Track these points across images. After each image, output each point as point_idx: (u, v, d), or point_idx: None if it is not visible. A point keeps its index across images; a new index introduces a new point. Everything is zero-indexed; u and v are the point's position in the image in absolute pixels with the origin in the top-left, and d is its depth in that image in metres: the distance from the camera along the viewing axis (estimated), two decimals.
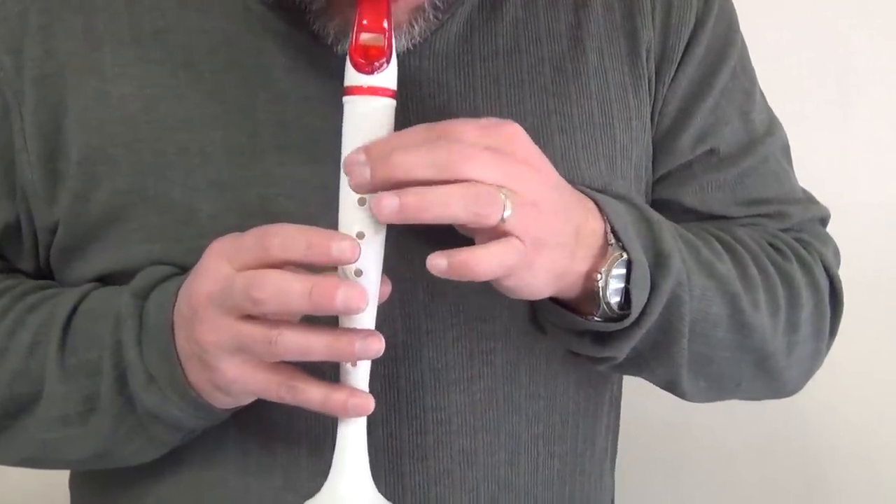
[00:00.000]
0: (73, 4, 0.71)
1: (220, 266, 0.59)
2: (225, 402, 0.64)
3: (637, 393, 0.86)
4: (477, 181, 0.56)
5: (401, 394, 0.70)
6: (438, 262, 0.56)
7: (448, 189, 0.56)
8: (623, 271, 0.65)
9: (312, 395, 0.60)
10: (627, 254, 0.65)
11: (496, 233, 0.58)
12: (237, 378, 0.60)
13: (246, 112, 0.69)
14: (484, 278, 0.57)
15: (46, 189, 0.70)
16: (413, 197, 0.55)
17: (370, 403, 0.60)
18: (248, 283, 0.57)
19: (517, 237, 0.58)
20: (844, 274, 0.82)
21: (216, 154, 0.68)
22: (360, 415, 0.60)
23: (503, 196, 0.56)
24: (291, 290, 0.56)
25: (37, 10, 0.70)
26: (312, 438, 0.69)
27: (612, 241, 0.65)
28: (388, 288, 0.62)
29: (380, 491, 0.62)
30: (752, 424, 1.31)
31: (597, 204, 0.66)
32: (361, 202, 0.58)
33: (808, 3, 1.25)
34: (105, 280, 0.71)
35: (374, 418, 0.68)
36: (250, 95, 0.69)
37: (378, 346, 0.58)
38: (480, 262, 0.56)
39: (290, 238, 0.57)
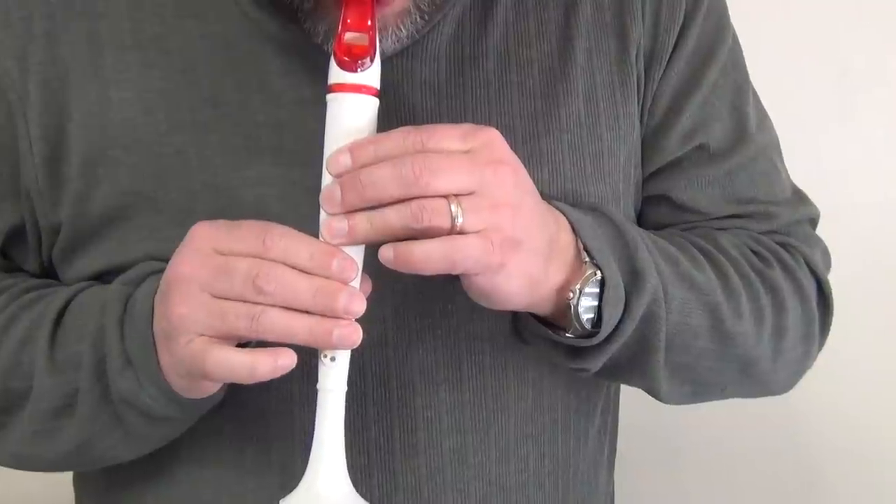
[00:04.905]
0: (77, 10, 0.72)
1: (205, 248, 0.60)
2: (188, 390, 0.64)
3: (636, 392, 0.87)
4: (444, 192, 0.58)
5: (392, 393, 0.70)
6: (387, 254, 0.58)
7: (393, 210, 0.58)
8: (596, 289, 0.66)
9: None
10: (601, 272, 0.66)
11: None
12: (186, 354, 0.60)
13: (242, 115, 0.70)
14: (429, 271, 0.58)
15: (51, 191, 0.71)
16: (355, 221, 0.58)
17: (290, 359, 0.59)
18: (255, 272, 0.57)
19: (481, 237, 0.58)
20: (845, 274, 0.82)
21: (213, 156, 0.69)
22: (277, 371, 0.59)
23: (454, 206, 0.57)
24: (299, 288, 0.57)
25: (41, 16, 0.71)
26: (308, 436, 0.68)
27: (587, 258, 0.65)
28: (369, 287, 0.62)
29: (372, 488, 0.63)
30: (753, 424, 1.31)
31: (568, 218, 0.66)
32: None
33: (807, 4, 1.25)
34: (103, 277, 0.72)
35: (366, 416, 0.70)
36: (246, 99, 0.70)
37: (356, 336, 0.58)
38: (423, 253, 0.58)
39: (294, 246, 0.58)
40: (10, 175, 0.72)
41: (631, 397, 0.86)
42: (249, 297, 0.58)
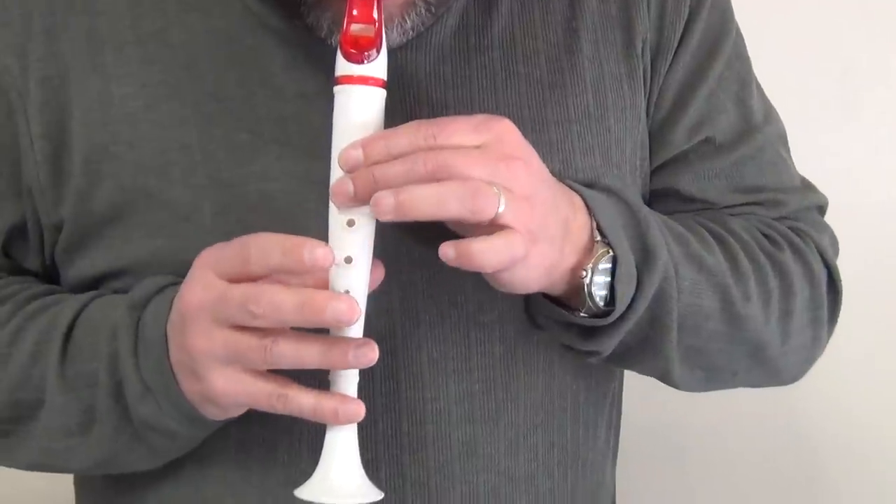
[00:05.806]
0: (76, 7, 0.72)
1: (207, 276, 0.60)
2: (215, 414, 0.65)
3: (638, 389, 0.86)
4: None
5: (400, 385, 0.70)
6: (448, 252, 0.57)
7: (444, 186, 0.57)
8: (609, 267, 0.66)
9: (303, 402, 0.60)
10: (613, 250, 0.66)
11: (491, 228, 0.58)
12: (226, 389, 0.60)
13: (245, 109, 0.69)
14: (491, 269, 0.58)
15: (53, 188, 0.71)
16: (409, 195, 0.57)
17: (361, 410, 0.60)
18: (245, 298, 0.57)
19: (516, 230, 0.58)
20: (847, 272, 0.81)
21: (216, 151, 0.69)
22: (350, 421, 0.60)
23: (496, 191, 0.57)
24: (285, 304, 0.57)
25: (40, 14, 0.71)
26: (313, 434, 0.68)
27: (598, 237, 0.66)
28: (382, 272, 0.62)
29: (380, 482, 0.62)
30: (754, 421, 1.31)
31: (584, 199, 0.66)
32: (350, 223, 0.60)
33: (810, 2, 1.25)
34: (108, 277, 0.71)
35: (374, 410, 0.69)
36: (249, 93, 0.69)
37: (372, 355, 0.59)
38: (489, 252, 0.58)
39: (266, 247, 0.58)
40: (10, 173, 0.72)
41: (633, 393, 0.86)
42: (248, 322, 0.58)
